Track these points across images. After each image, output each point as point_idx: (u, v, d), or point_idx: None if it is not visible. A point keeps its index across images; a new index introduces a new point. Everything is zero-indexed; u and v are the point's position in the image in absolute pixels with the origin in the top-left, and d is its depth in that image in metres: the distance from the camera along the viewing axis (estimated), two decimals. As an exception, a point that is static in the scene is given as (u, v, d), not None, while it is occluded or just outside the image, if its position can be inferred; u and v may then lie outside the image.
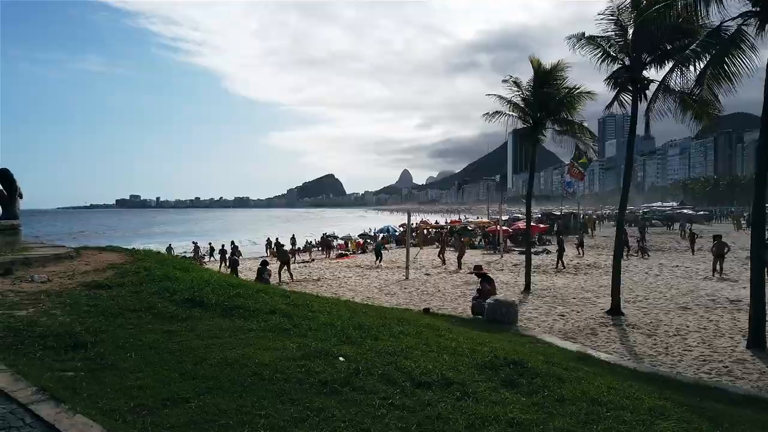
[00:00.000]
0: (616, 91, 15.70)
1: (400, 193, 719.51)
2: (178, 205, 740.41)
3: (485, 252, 38.40)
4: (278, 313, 5.79)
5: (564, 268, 26.88)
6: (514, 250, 37.29)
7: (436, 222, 73.27)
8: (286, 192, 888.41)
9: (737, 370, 10.16)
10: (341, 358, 4.90)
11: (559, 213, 58.10)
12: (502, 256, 33.55)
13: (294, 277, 25.31)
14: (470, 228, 46.51)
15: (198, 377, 4.18)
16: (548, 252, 36.59)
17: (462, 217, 79.34)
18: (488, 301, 12.39)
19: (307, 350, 4.92)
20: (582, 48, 15.40)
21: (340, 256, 41.00)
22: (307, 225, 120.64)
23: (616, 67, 15.35)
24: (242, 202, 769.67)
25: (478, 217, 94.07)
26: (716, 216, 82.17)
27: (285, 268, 25.32)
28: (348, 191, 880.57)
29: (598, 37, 15.27)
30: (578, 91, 18.52)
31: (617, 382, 5.62)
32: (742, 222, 54.43)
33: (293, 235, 50.80)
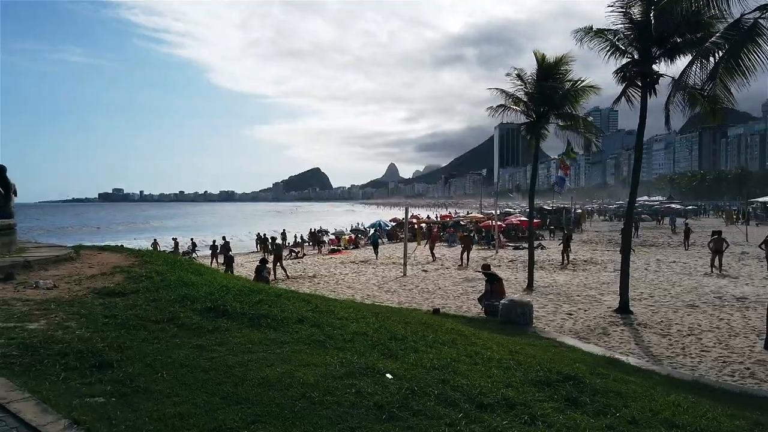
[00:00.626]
0: (623, 85, 15.46)
1: (386, 187, 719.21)
2: (162, 199, 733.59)
3: (480, 247, 38.15)
4: (306, 322, 5.39)
5: (568, 263, 26.64)
6: (508, 246, 37.09)
7: (428, 217, 72.90)
8: (272, 186, 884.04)
9: (760, 372, 9.93)
10: (389, 375, 4.51)
11: (549, 208, 58.04)
12: (497, 252, 33.29)
13: (289, 275, 24.85)
14: (462, 223, 46.22)
15: (242, 401, 3.76)
16: (543, 248, 36.48)
17: (452, 211, 79.06)
18: (503, 301, 12.06)
19: (350, 367, 4.52)
20: (590, 41, 15.10)
21: (333, 251, 40.57)
22: (297, 219, 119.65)
23: (624, 61, 15.08)
24: (228, 196, 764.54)
25: (468, 212, 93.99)
26: (704, 211, 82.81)
27: (278, 264, 24.85)
28: (334, 185, 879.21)
29: (606, 30, 14.97)
30: (583, 84, 18.26)
31: (679, 396, 5.29)
32: (734, 216, 54.38)
33: (284, 230, 50.25)
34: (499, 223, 41.62)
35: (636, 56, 14.95)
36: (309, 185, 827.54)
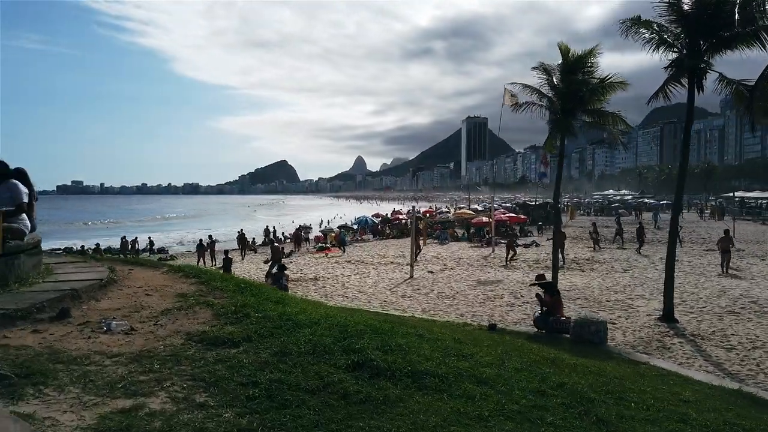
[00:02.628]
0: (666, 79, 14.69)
1: (354, 180, 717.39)
2: (124, 191, 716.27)
3: (473, 245, 37.39)
4: (465, 376, 4.32)
5: (563, 263, 25.99)
6: (501, 243, 36.27)
7: (408, 212, 71.65)
8: (238, 178, 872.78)
9: None
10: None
11: (533, 203, 57.75)
12: (493, 251, 32.51)
13: (289, 278, 23.52)
14: (451, 219, 45.42)
15: None
16: (537, 245, 35.92)
17: (433, 206, 78.32)
18: (574, 318, 11.13)
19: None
20: (635, 33, 14.29)
21: (321, 249, 39.29)
22: (274, 214, 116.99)
23: (670, 54, 14.31)
24: (192, 189, 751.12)
25: (447, 206, 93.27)
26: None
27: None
28: (302, 178, 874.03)
29: (653, 21, 14.18)
30: (610, 80, 17.47)
31: None
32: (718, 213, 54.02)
33: (267, 226, 48.75)
34: (488, 219, 40.95)
35: (683, 49, 14.19)
36: (276, 178, 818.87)
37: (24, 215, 6.41)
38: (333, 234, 43.84)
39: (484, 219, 39.95)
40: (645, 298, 17.43)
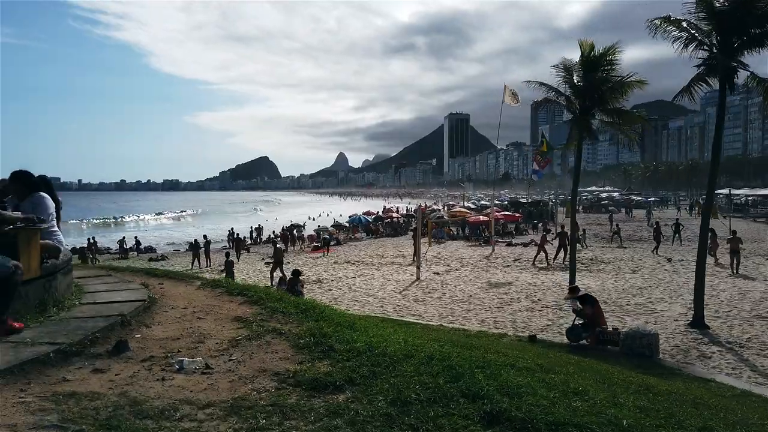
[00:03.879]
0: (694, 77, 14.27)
1: (336, 176, 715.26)
2: (102, 188, 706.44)
3: (472, 244, 36.90)
4: (606, 424, 3.78)
5: (550, 264, 25.71)
6: (499, 242, 35.87)
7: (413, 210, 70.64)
8: (218, 174, 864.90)
9: None
10: None
11: (525, 200, 57.51)
12: (493, 250, 32.07)
13: (304, 283, 22.74)
14: (445, 218, 44.92)
15: None
16: (536, 243, 35.47)
17: (423, 203, 77.77)
18: (624, 330, 10.63)
19: None
20: (664, 31, 13.84)
21: (316, 248, 38.60)
22: (276, 211, 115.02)
23: (700, 52, 13.89)
24: (172, 185, 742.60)
25: (435, 203, 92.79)
26: (665, 202, 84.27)
27: (279, 269, 22.78)
28: (283, 174, 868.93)
29: (682, 20, 13.75)
30: (630, 78, 17.06)
31: None
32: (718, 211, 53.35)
33: (259, 224, 47.84)
34: (485, 218, 40.51)
35: (712, 48, 13.78)
36: (257, 174, 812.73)
37: (58, 229, 5.71)
38: (328, 232, 43.11)
39: (481, 218, 39.43)
40: (665, 302, 17.06)
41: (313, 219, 78.78)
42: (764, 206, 53.08)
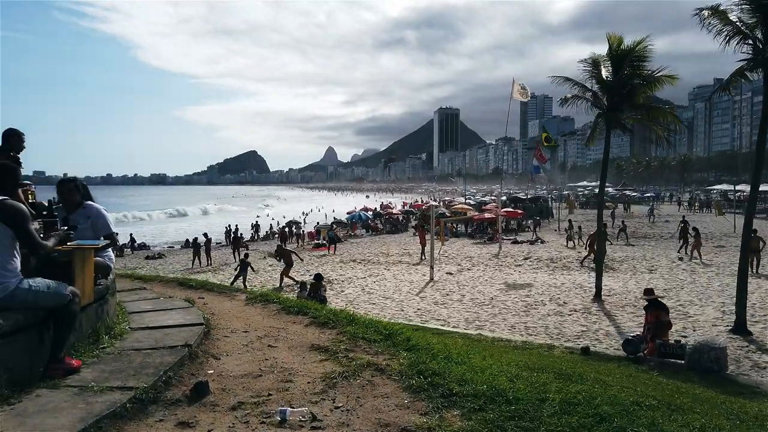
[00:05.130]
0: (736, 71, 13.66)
1: (325, 171, 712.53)
2: (89, 182, 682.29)
3: (476, 242, 36.25)
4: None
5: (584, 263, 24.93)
6: (504, 240, 35.19)
7: (419, 205, 69.72)
8: (206, 168, 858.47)
9: None
10: None
11: (524, 196, 56.97)
12: (500, 249, 31.43)
13: (298, 281, 21.97)
14: (448, 214, 44.28)
15: None
16: (543, 241, 34.93)
17: (420, 198, 77.06)
18: (690, 343, 10.01)
19: None
20: (710, 23, 13.21)
21: (317, 246, 37.81)
22: (284, 206, 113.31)
23: (744, 46, 13.28)
24: (159, 179, 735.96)
25: (431, 198, 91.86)
26: (660, 198, 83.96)
27: (286, 272, 21.95)
28: (272, 168, 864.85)
29: (729, 10, 13.13)
30: (661, 73, 16.42)
31: None
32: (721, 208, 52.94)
33: (256, 221, 46.92)
34: (491, 215, 39.90)
35: (756, 42, 13.17)
36: (245, 168, 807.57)
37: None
38: (325, 230, 42.28)
39: (486, 215, 38.80)
40: (695, 305, 16.50)
41: (306, 214, 77.82)
42: (764, 202, 52.82)
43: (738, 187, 52.22)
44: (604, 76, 16.21)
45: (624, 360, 9.91)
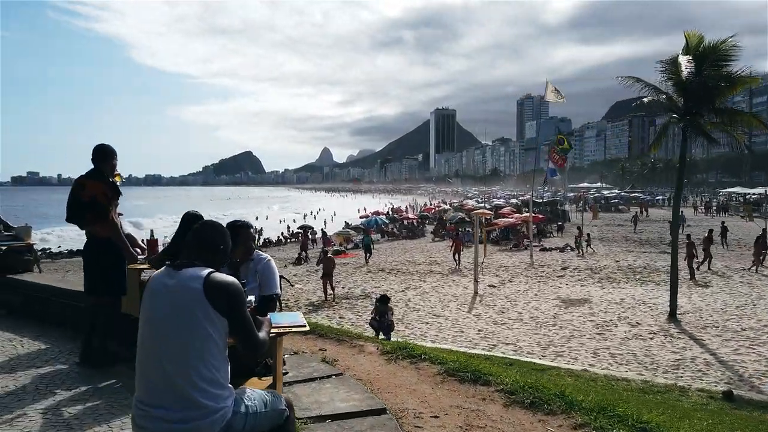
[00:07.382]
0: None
1: (321, 172, 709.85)
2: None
3: (502, 249, 34.88)
4: None
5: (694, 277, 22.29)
6: (534, 246, 33.66)
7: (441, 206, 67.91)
8: (201, 169, 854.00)
9: None
10: None
11: (541, 200, 55.64)
12: (532, 256, 29.95)
13: (336, 294, 20.61)
14: (467, 219, 42.91)
15: None
16: (572, 248, 33.47)
17: (429, 201, 75.65)
18: None
19: None
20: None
21: (337, 252, 36.30)
22: (288, 208, 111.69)
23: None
24: (154, 180, 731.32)
25: (443, 201, 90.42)
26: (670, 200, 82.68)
27: (329, 282, 20.58)
28: (267, 169, 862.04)
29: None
30: (743, 74, 15.10)
31: None
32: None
33: (260, 226, 45.38)
34: (509, 220, 38.51)
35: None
36: (241, 169, 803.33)
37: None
38: (341, 236, 40.89)
39: (513, 219, 37.41)
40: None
41: (305, 217, 76.44)
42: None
43: (755, 191, 50.89)
44: (684, 77, 14.83)
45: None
